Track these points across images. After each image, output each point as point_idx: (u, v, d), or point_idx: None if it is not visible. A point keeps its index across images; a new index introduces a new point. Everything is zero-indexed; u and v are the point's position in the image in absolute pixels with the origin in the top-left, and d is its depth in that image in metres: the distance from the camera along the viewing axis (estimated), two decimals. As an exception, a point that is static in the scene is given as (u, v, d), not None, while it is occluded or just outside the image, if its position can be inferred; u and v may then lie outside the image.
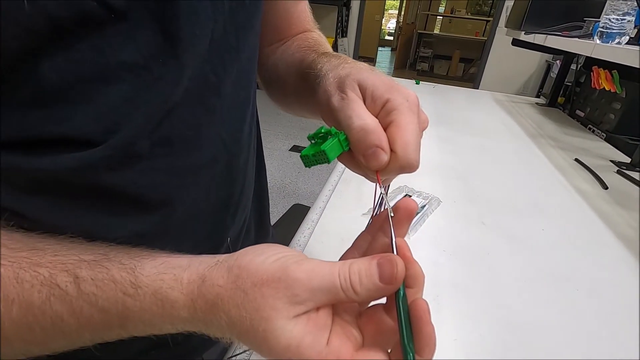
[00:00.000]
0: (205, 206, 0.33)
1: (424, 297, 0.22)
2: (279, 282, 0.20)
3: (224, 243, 0.37)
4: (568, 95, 1.48)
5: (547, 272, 0.53)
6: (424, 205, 0.64)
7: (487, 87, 4.00)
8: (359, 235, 0.26)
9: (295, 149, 2.83)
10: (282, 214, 1.35)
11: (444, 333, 0.42)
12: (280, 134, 3.04)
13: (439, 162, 0.86)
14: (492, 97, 1.58)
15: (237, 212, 0.38)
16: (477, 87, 4.06)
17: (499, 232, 0.61)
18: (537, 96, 1.76)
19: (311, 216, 0.60)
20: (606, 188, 0.81)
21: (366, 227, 0.27)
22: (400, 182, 0.73)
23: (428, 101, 1.37)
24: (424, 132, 0.27)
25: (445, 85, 1.68)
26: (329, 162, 0.24)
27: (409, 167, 0.24)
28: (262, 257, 0.21)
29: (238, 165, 0.36)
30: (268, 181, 0.51)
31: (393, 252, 0.22)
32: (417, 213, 0.62)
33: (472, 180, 0.79)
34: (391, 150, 0.24)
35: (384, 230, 0.24)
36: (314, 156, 0.24)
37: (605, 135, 1.18)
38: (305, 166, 0.25)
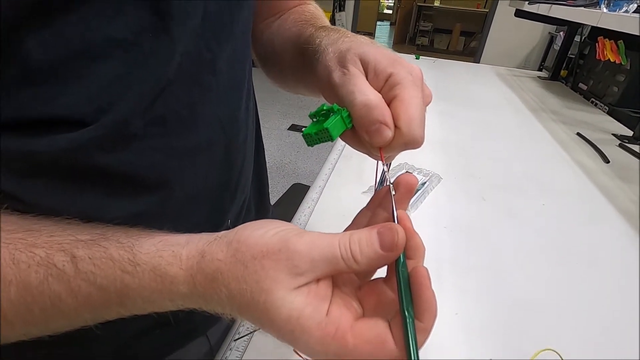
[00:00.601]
0: (203, 188, 0.32)
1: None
2: (279, 254, 0.20)
3: (224, 224, 0.37)
4: (571, 68, 1.45)
5: (548, 247, 0.53)
6: (425, 182, 0.64)
7: (488, 61, 3.91)
8: (358, 212, 0.26)
9: (293, 127, 2.80)
10: (281, 194, 1.35)
11: (446, 308, 0.42)
12: (278, 113, 3.00)
13: (439, 138, 0.85)
14: (493, 71, 1.55)
15: (237, 194, 0.37)
16: (478, 62, 3.98)
17: (500, 208, 0.61)
18: (540, 70, 1.72)
19: (311, 195, 0.60)
20: (608, 162, 0.81)
21: (367, 204, 0.26)
22: (400, 159, 0.72)
23: (428, 76, 1.34)
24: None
25: (446, 60, 1.64)
26: (332, 140, 0.23)
27: (414, 142, 0.23)
28: (261, 230, 0.21)
29: (237, 147, 0.35)
30: (267, 161, 0.50)
31: (393, 217, 0.22)
32: (417, 190, 0.61)
33: (473, 156, 0.78)
34: (395, 126, 0.23)
35: (384, 205, 0.24)
36: (316, 135, 0.23)
37: (607, 108, 1.17)
38: (308, 145, 0.24)
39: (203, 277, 0.21)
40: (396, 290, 0.20)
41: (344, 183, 0.65)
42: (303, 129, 0.24)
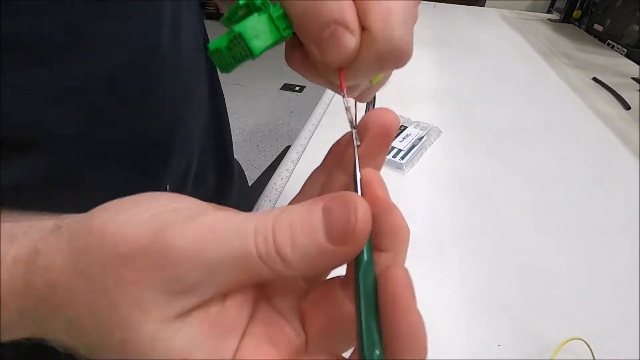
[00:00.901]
0: (113, 143, 0.24)
1: (407, 266, 0.14)
2: (146, 257, 0.11)
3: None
4: (585, 7, 1.31)
5: (563, 207, 0.46)
6: (422, 137, 0.56)
7: (493, 4, 3.63)
8: (309, 176, 0.18)
9: (286, 87, 2.66)
10: (274, 157, 1.27)
11: (445, 285, 0.36)
12: (269, 72, 2.84)
13: (439, 88, 0.76)
14: (499, 14, 1.41)
15: (172, 152, 0.29)
16: (482, 5, 3.72)
17: (508, 164, 0.53)
18: (549, 12, 1.57)
19: (290, 155, 0.52)
20: (628, 108, 0.72)
21: (322, 162, 0.18)
22: (392, 109, 0.63)
23: (428, 23, 1.22)
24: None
25: (447, 4, 1.49)
26: (253, 55, 0.14)
27: (394, 53, 0.14)
28: (126, 214, 0.13)
29: (161, 85, 0.26)
30: (258, 123, 0.42)
31: (356, 190, 0.14)
32: (414, 146, 0.53)
33: (476, 107, 0.69)
34: (362, 28, 0.14)
35: (344, 164, 0.16)
36: (228, 48, 0.14)
37: (626, 50, 1.05)
38: (222, 70, 0.15)
39: (31, 294, 0.13)
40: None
41: (330, 141, 0.56)
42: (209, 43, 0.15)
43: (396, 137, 0.55)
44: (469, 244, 0.40)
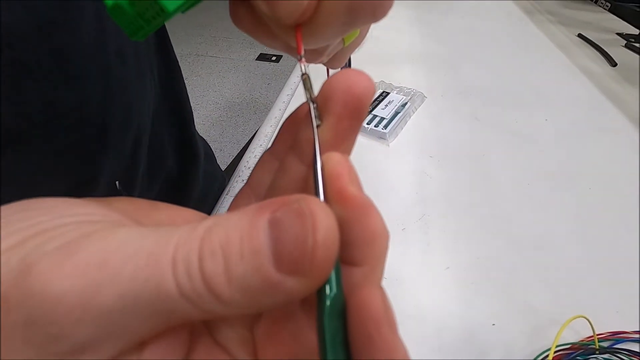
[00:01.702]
0: (18, 122, 0.19)
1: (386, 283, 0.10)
2: (9, 310, 0.08)
3: (97, 183, 0.25)
4: (568, -40, 1.26)
5: (553, 170, 0.44)
6: (405, 103, 0.52)
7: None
8: (258, 161, 0.14)
9: (262, 57, 2.54)
10: (253, 133, 1.22)
11: (435, 262, 0.33)
12: (244, 42, 2.70)
13: (421, 50, 0.71)
14: (480, -30, 1.34)
15: (109, 131, 0.24)
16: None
17: (496, 127, 0.51)
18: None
19: (264, 129, 0.48)
20: (614, 65, 0.70)
21: (271, 143, 0.14)
22: (373, 76, 0.59)
23: (407, -20, 1.15)
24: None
25: (427, -39, 1.41)
26: (165, 13, 0.10)
27: (370, 1, 0.10)
28: None
29: (78, 42, 0.21)
30: (235, 96, 0.37)
31: (317, 191, 0.10)
32: (397, 113, 0.50)
33: (461, 69, 0.66)
34: None
35: (299, 148, 0.12)
36: (131, 3, 0.10)
37: (609, 5, 1.02)
38: (127, 33, 0.11)
39: None
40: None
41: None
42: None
43: (378, 104, 0.51)
44: (460, 216, 0.38)
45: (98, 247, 0.08)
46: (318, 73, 0.17)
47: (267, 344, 0.11)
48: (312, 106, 0.11)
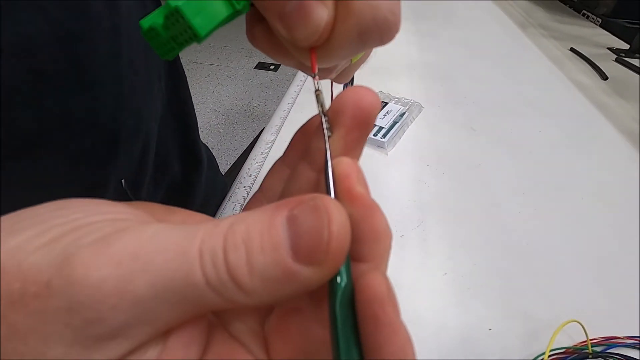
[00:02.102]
0: (33, 130, 0.20)
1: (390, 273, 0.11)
2: (48, 299, 0.08)
3: (107, 188, 0.25)
4: (560, -23, 1.30)
5: (547, 180, 0.45)
6: (404, 113, 0.53)
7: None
8: (270, 169, 0.15)
9: (261, 66, 2.57)
10: (252, 140, 1.23)
11: (433, 267, 0.34)
12: (243, 50, 2.73)
13: (418, 62, 0.73)
14: (475, -15, 1.38)
15: (120, 138, 0.25)
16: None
17: (491, 137, 0.52)
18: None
19: (265, 137, 0.49)
20: (605, 78, 0.72)
21: (284, 152, 0.15)
22: (372, 86, 0.60)
23: (404, -7, 1.18)
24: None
25: (423, -25, 1.45)
26: (199, 38, 0.11)
27: (379, 27, 0.11)
28: (21, 236, 0.09)
29: (93, 53, 0.22)
30: (233, 104, 0.38)
31: (328, 191, 0.11)
32: (395, 123, 0.51)
33: (457, 80, 0.67)
34: None
35: (311, 156, 0.13)
36: (166, 28, 0.11)
37: (600, 20, 1.05)
38: (159, 54, 0.12)
39: None
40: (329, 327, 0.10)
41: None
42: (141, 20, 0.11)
43: (376, 114, 0.52)
44: (457, 223, 0.39)
45: (131, 240, 0.09)
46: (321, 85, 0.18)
47: (278, 336, 0.12)
48: (324, 118, 0.12)
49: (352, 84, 0.22)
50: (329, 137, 0.12)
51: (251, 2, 0.12)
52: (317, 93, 0.13)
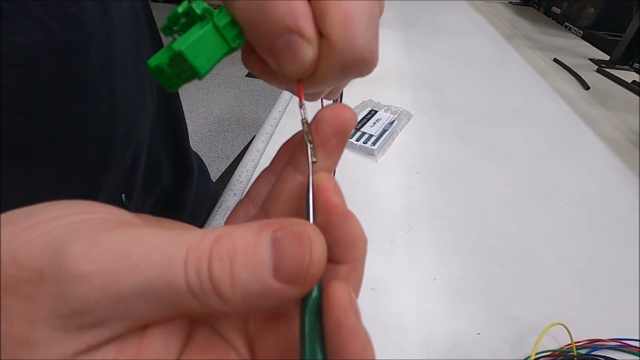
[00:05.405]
0: (26, 139, 0.20)
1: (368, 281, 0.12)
2: (38, 285, 0.09)
3: (97, 197, 0.25)
4: (544, -10, 1.34)
5: (532, 186, 0.46)
6: (393, 121, 0.54)
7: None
8: (258, 176, 0.16)
9: (252, 74, 2.57)
10: (242, 148, 1.23)
11: (422, 273, 0.35)
12: (234, 58, 2.73)
13: (407, 71, 0.74)
14: (462, -3, 1.41)
15: (113, 147, 0.25)
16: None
17: (478, 145, 0.53)
18: (510, -5, 1.60)
19: (256, 145, 0.49)
20: (588, 88, 0.74)
21: (271, 162, 0.16)
22: (362, 95, 0.61)
23: (393, 4, 1.20)
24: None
25: (412, -14, 1.48)
26: (199, 75, 0.12)
27: (358, 64, 0.13)
28: (16, 226, 0.10)
29: (85, 63, 0.22)
30: (224, 112, 0.38)
31: (308, 215, 0.12)
32: (385, 130, 0.52)
33: (445, 89, 0.69)
34: (321, 34, 0.12)
35: (295, 162, 0.14)
36: (170, 67, 0.12)
37: (582, 32, 1.09)
38: (165, 88, 0.13)
39: None
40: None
41: (297, 129, 0.54)
42: (149, 59, 0.12)
43: (366, 122, 0.53)
44: (446, 229, 0.39)
45: (122, 240, 0.10)
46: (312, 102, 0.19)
47: (263, 334, 0.13)
48: (309, 146, 0.13)
49: (341, 99, 0.23)
50: (313, 162, 0.13)
51: (245, 38, 0.13)
52: (304, 122, 0.14)
